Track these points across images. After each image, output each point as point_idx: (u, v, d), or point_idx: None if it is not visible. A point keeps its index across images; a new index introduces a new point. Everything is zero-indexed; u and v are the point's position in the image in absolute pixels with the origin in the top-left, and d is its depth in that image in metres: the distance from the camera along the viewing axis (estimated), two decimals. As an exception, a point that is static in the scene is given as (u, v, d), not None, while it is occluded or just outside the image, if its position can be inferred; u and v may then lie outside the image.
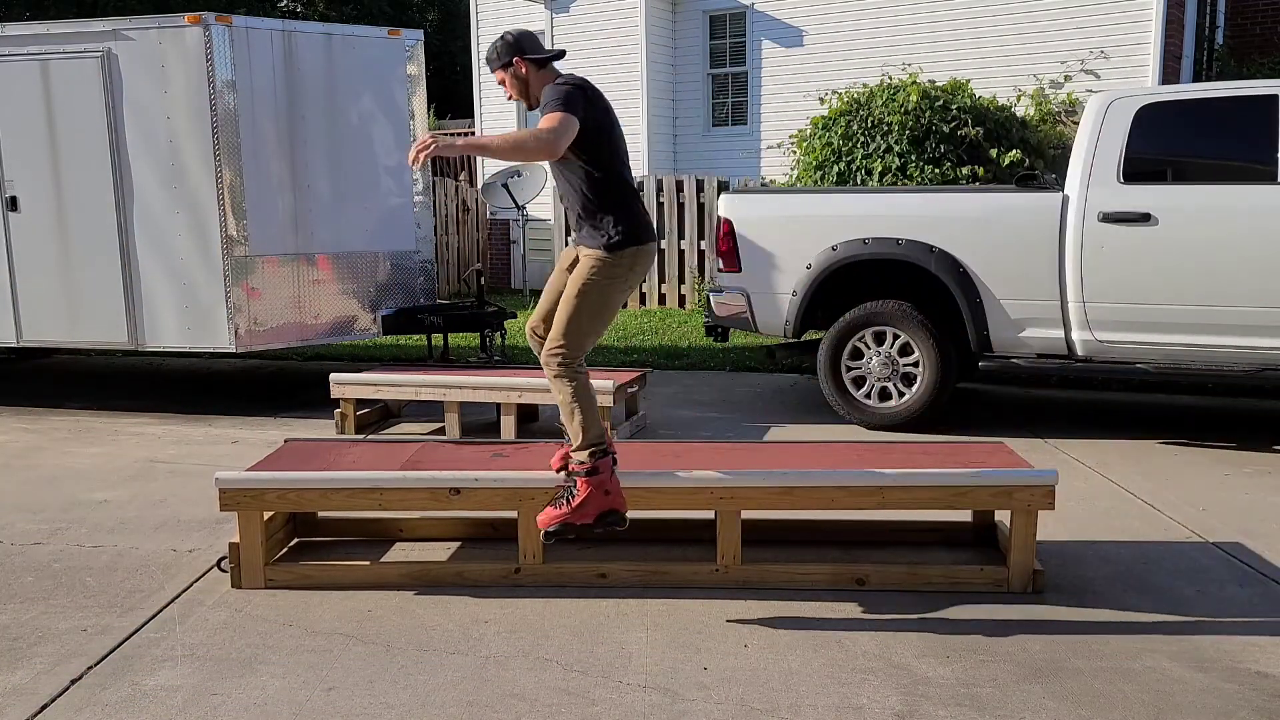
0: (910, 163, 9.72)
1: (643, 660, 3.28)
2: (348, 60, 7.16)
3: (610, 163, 3.60)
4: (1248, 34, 12.47)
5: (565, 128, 3.36)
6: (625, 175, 3.66)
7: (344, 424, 6.46)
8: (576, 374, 3.55)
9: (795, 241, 6.44)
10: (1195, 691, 3.05)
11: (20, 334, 7.21)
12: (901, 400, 6.32)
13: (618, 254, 3.56)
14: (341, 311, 7.26)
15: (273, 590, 3.86)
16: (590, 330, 3.59)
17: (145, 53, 6.63)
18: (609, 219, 3.57)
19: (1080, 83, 11.14)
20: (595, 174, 3.57)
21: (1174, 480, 5.28)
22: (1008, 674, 3.17)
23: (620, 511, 3.59)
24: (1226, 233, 5.54)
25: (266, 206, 6.82)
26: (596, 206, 3.59)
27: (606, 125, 3.58)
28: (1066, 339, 5.96)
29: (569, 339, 3.54)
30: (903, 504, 3.83)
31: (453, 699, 3.03)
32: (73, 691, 3.10)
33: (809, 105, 11.89)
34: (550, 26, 13.89)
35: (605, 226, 3.57)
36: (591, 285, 3.55)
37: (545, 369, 3.59)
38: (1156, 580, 3.93)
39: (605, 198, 3.59)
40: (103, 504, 5.03)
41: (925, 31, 11.94)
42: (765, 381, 8.16)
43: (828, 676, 3.16)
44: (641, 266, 3.66)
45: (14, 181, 7.01)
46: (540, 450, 4.33)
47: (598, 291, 3.56)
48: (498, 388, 6.17)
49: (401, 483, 3.85)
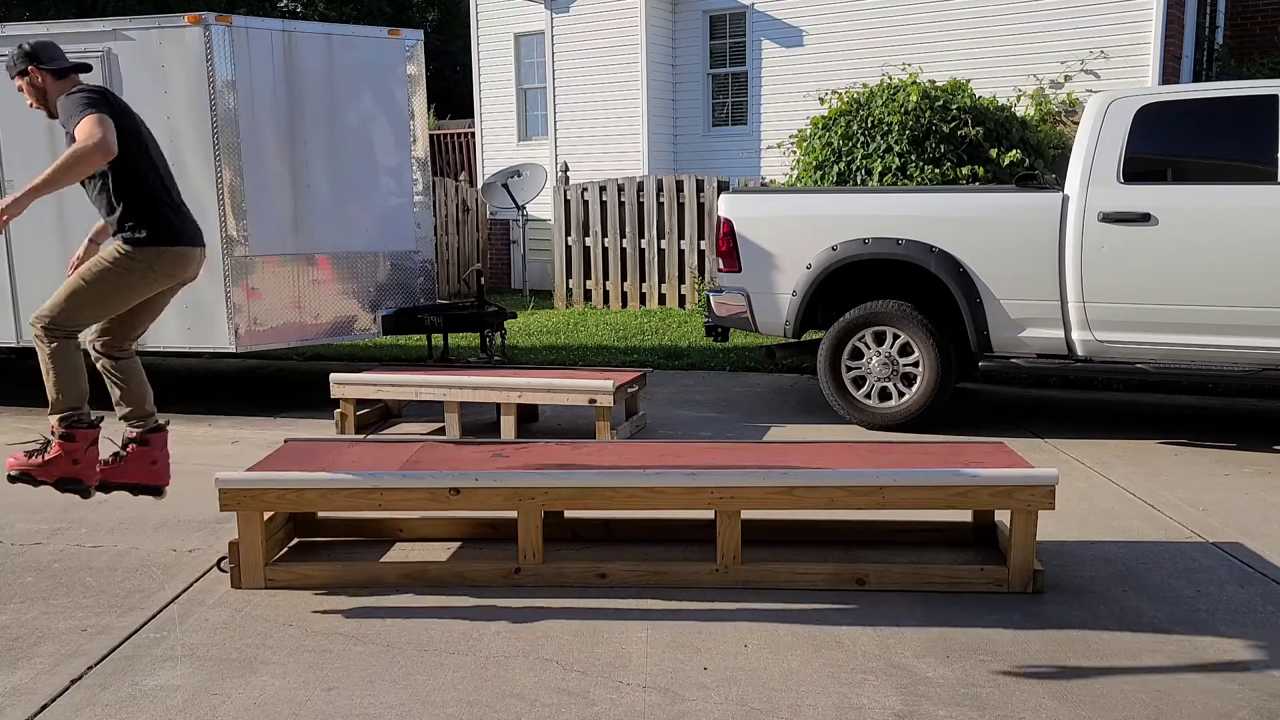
0: (910, 163, 9.71)
1: (643, 660, 3.28)
2: (348, 60, 7.16)
3: (138, 163, 3.74)
4: (1248, 34, 12.47)
5: (107, 126, 3.49)
6: (153, 177, 3.80)
7: (344, 424, 6.46)
8: (56, 341, 3.74)
9: (795, 241, 6.44)
10: (1195, 691, 3.05)
11: (20, 334, 7.21)
12: (901, 400, 6.32)
13: (139, 249, 3.71)
14: (341, 311, 7.26)
15: (273, 590, 3.86)
16: (89, 309, 3.77)
17: (145, 53, 6.63)
18: (133, 219, 3.73)
19: (1080, 83, 11.14)
20: (120, 176, 3.72)
21: (1174, 480, 5.28)
22: (1008, 674, 3.17)
23: (84, 483, 3.72)
24: (1226, 233, 5.54)
25: (266, 206, 6.82)
26: (121, 206, 3.75)
27: (132, 128, 3.73)
28: (1066, 339, 5.96)
29: (61, 310, 3.73)
30: (903, 504, 3.82)
31: (453, 699, 3.03)
32: (73, 691, 3.10)
33: (809, 105, 11.88)
34: (550, 26, 13.90)
35: (127, 225, 3.74)
36: (107, 271, 3.72)
37: (31, 328, 3.78)
38: (1156, 580, 3.93)
39: (130, 198, 3.75)
40: (103, 504, 5.02)
41: (925, 31, 11.94)
42: (765, 381, 8.16)
43: (828, 676, 3.16)
44: (165, 267, 3.78)
45: (14, 181, 7.00)
46: (540, 450, 4.33)
47: (110, 278, 3.72)
48: (498, 388, 6.17)
49: (401, 483, 3.85)
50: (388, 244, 7.45)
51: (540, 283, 14.00)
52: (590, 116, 13.89)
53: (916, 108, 9.76)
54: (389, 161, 7.44)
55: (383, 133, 7.39)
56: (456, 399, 6.26)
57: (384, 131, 7.40)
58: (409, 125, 7.51)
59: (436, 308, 7.68)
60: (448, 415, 6.33)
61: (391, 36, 7.41)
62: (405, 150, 7.50)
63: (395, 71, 7.41)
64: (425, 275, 7.68)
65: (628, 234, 12.20)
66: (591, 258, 12.44)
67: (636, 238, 12.17)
